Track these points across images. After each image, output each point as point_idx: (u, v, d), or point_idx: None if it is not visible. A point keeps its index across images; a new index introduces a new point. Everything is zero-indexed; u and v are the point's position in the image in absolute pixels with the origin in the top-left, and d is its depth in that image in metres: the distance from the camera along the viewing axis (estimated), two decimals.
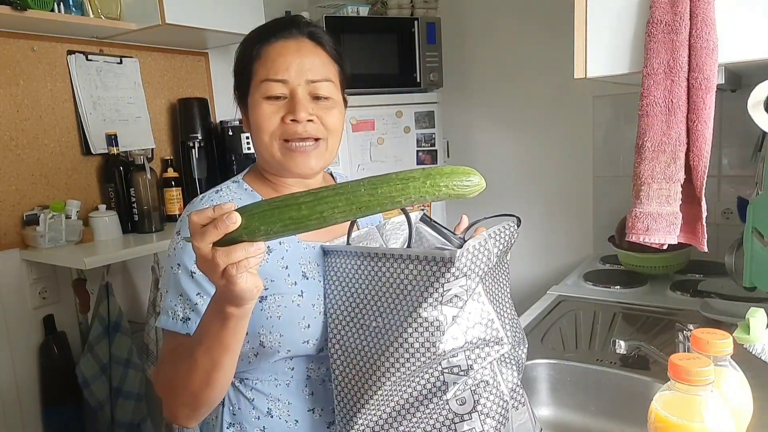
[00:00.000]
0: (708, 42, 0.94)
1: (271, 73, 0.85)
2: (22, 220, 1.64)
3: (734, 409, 0.67)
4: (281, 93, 0.86)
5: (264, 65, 0.86)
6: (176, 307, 0.82)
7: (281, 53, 0.86)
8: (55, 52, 1.72)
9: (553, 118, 2.20)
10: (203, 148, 2.01)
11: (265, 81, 0.85)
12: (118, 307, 1.70)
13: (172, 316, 0.82)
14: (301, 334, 0.84)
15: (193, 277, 0.82)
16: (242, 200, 0.88)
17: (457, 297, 0.72)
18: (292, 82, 0.85)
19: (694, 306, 1.41)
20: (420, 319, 0.71)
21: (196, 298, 0.82)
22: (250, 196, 0.91)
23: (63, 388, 1.69)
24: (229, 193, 0.90)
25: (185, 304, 0.82)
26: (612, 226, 1.92)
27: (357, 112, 2.08)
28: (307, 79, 0.86)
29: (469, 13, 2.32)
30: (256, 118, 0.87)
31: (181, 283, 0.82)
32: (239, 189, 0.92)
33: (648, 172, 1.01)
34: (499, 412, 0.76)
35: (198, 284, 0.82)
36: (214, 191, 0.90)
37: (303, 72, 0.85)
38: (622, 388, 1.15)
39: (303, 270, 0.87)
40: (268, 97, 0.85)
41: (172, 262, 0.84)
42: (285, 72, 0.85)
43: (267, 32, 0.88)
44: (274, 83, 0.85)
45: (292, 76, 0.85)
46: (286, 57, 0.85)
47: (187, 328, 0.81)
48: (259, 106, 0.86)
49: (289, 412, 0.88)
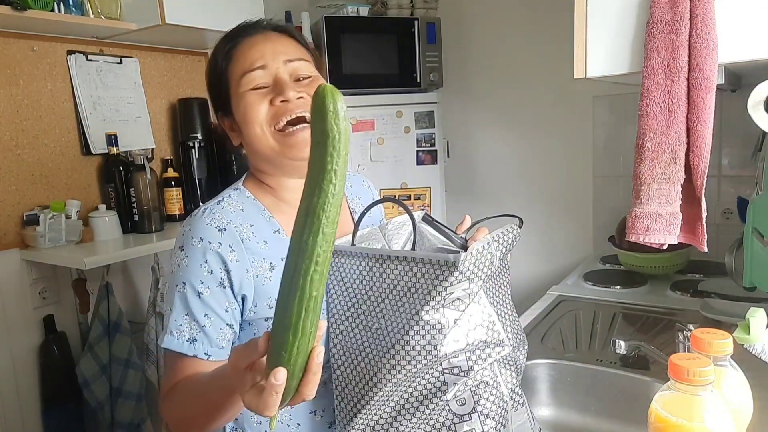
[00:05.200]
0: (708, 42, 0.93)
1: (247, 65, 0.84)
2: (22, 220, 1.64)
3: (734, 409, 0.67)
4: (263, 82, 0.84)
5: (237, 63, 0.85)
6: (182, 327, 0.78)
7: (252, 45, 0.85)
8: (55, 52, 1.72)
9: (553, 118, 2.20)
10: (203, 148, 2.01)
11: (243, 75, 0.83)
12: (118, 307, 1.70)
13: (178, 336, 0.78)
14: None
15: (200, 298, 0.78)
16: (244, 210, 0.86)
17: (459, 300, 0.72)
18: (270, 65, 0.84)
19: (694, 306, 1.41)
20: (422, 322, 0.71)
21: (204, 320, 0.78)
22: (253, 206, 0.87)
23: (63, 388, 1.69)
24: (231, 202, 0.86)
25: (191, 325, 0.78)
26: (612, 226, 1.92)
27: (357, 112, 2.08)
28: (285, 59, 0.85)
29: (469, 13, 2.32)
30: (244, 111, 0.84)
31: (189, 302, 0.79)
32: (241, 197, 0.88)
33: (648, 172, 1.00)
34: (499, 413, 0.76)
35: (206, 305, 0.79)
36: (216, 202, 0.86)
37: (277, 54, 0.84)
38: (622, 388, 1.14)
39: None
40: (251, 89, 0.83)
41: (176, 280, 0.80)
42: (261, 59, 0.84)
43: (231, 36, 0.87)
44: (253, 72, 0.83)
45: (269, 60, 0.84)
46: (257, 46, 0.85)
47: (194, 349, 0.78)
48: (244, 98, 0.84)
49: (291, 416, 0.87)
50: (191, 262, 0.79)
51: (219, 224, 0.81)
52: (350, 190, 1.02)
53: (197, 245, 0.79)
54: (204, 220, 0.81)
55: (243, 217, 0.84)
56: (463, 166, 2.44)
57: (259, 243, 0.83)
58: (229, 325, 0.81)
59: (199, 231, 0.80)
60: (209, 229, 0.80)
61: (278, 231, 0.86)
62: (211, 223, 0.81)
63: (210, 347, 0.79)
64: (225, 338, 0.81)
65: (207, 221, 0.81)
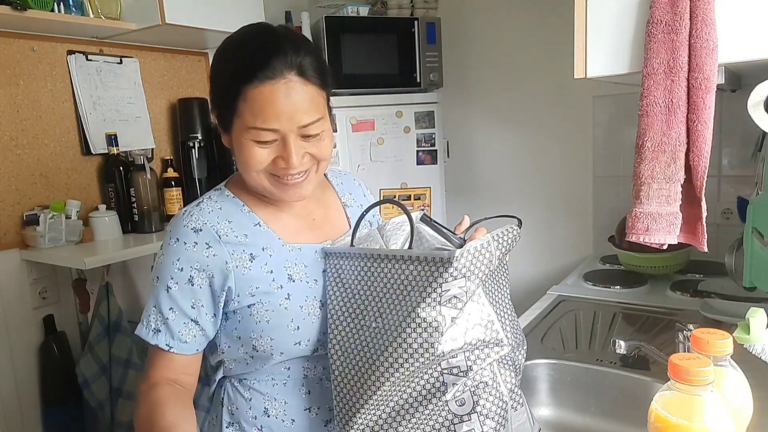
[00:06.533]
0: (708, 42, 0.93)
1: (259, 122, 0.79)
2: (22, 220, 1.64)
3: (734, 409, 0.67)
4: (271, 138, 0.81)
5: (251, 111, 0.79)
6: (150, 318, 0.85)
7: (270, 100, 0.78)
8: (55, 52, 1.72)
9: (553, 118, 2.20)
10: (203, 148, 2.01)
11: (253, 128, 0.79)
12: (118, 307, 1.70)
13: (146, 325, 0.85)
14: (291, 337, 0.85)
15: (168, 292, 0.84)
16: (222, 209, 0.88)
17: (456, 298, 0.72)
18: (283, 129, 0.80)
19: (694, 306, 1.41)
20: (419, 320, 0.71)
21: (168, 313, 0.84)
22: (232, 203, 0.89)
23: (63, 388, 1.69)
24: (210, 203, 0.88)
25: (157, 316, 0.85)
26: (612, 226, 1.92)
27: (357, 112, 2.08)
28: (299, 125, 0.80)
29: (469, 13, 2.32)
30: (244, 157, 0.82)
31: (159, 296, 0.85)
32: (221, 197, 0.90)
33: (648, 172, 1.01)
34: (499, 413, 0.76)
35: (172, 300, 0.84)
36: (195, 204, 0.89)
37: (294, 119, 0.79)
38: (622, 388, 1.14)
39: (288, 273, 0.87)
40: (257, 142, 0.81)
41: (153, 275, 0.87)
42: (275, 121, 0.79)
43: (251, 67, 0.78)
44: (264, 132, 0.80)
45: (283, 124, 0.79)
46: (275, 105, 0.78)
47: (157, 339, 0.84)
48: (247, 148, 0.81)
49: (286, 412, 0.89)
50: (166, 260, 0.85)
51: (195, 226, 0.85)
52: (341, 186, 1.04)
53: (173, 245, 0.85)
54: (182, 221, 0.86)
55: (221, 215, 0.88)
56: (463, 166, 2.44)
57: (239, 236, 0.87)
58: (194, 320, 0.85)
59: (176, 232, 0.86)
60: (186, 230, 0.85)
61: (258, 224, 0.89)
62: (188, 225, 0.85)
63: (171, 339, 0.84)
64: (189, 333, 0.85)
65: (184, 223, 0.86)
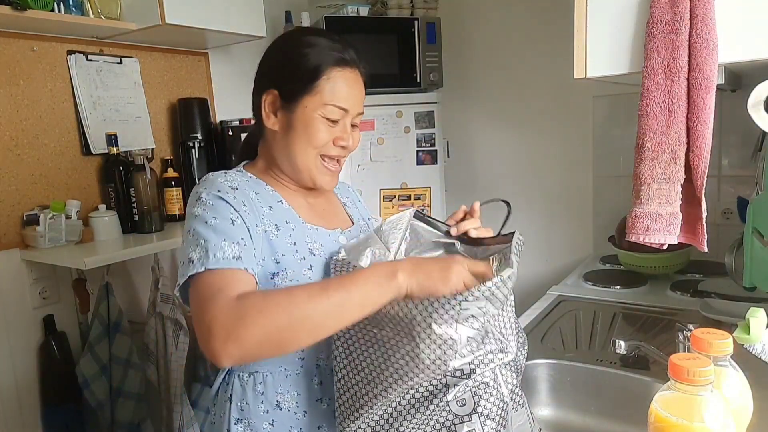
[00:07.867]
0: (708, 42, 0.93)
1: (336, 99, 0.91)
2: (22, 220, 1.64)
3: (734, 409, 0.67)
4: (338, 117, 0.92)
5: (333, 90, 0.90)
6: (224, 246, 0.79)
7: (349, 84, 0.92)
8: (55, 52, 1.72)
9: (553, 118, 2.20)
10: (203, 148, 2.01)
11: (329, 104, 0.90)
12: (118, 307, 1.70)
13: (222, 256, 0.78)
14: None
15: (234, 225, 0.83)
16: (249, 182, 0.94)
17: (474, 318, 0.70)
18: (351, 112, 0.93)
19: (694, 306, 1.41)
20: (434, 336, 0.70)
21: (242, 242, 0.81)
22: (253, 181, 0.95)
23: (63, 388, 1.69)
24: (236, 174, 0.94)
25: (232, 246, 0.80)
26: (612, 226, 1.92)
27: None
28: (358, 112, 0.95)
29: (469, 13, 2.32)
30: (311, 132, 0.91)
31: (225, 229, 0.81)
32: (243, 176, 0.96)
33: (648, 172, 1.01)
34: (500, 414, 0.76)
35: (241, 229, 0.83)
36: (223, 173, 0.93)
37: (357, 105, 0.94)
38: (622, 388, 1.15)
39: (309, 247, 0.91)
40: (326, 118, 0.91)
41: (207, 217, 0.83)
42: (347, 102, 0.92)
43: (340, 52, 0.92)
44: (338, 110, 0.91)
45: (352, 107, 0.93)
46: (351, 89, 0.93)
47: (242, 263, 0.79)
48: (317, 123, 0.91)
49: (298, 404, 0.90)
50: (216, 203, 0.85)
51: (231, 184, 0.89)
52: (338, 190, 1.12)
53: (217, 194, 0.86)
54: (218, 179, 0.89)
55: (249, 186, 0.92)
56: (463, 166, 2.44)
57: (264, 207, 0.91)
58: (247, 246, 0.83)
59: (215, 186, 0.88)
60: (224, 185, 0.88)
61: (281, 201, 0.94)
62: (224, 182, 0.89)
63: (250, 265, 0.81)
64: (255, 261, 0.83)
65: (221, 180, 0.89)
